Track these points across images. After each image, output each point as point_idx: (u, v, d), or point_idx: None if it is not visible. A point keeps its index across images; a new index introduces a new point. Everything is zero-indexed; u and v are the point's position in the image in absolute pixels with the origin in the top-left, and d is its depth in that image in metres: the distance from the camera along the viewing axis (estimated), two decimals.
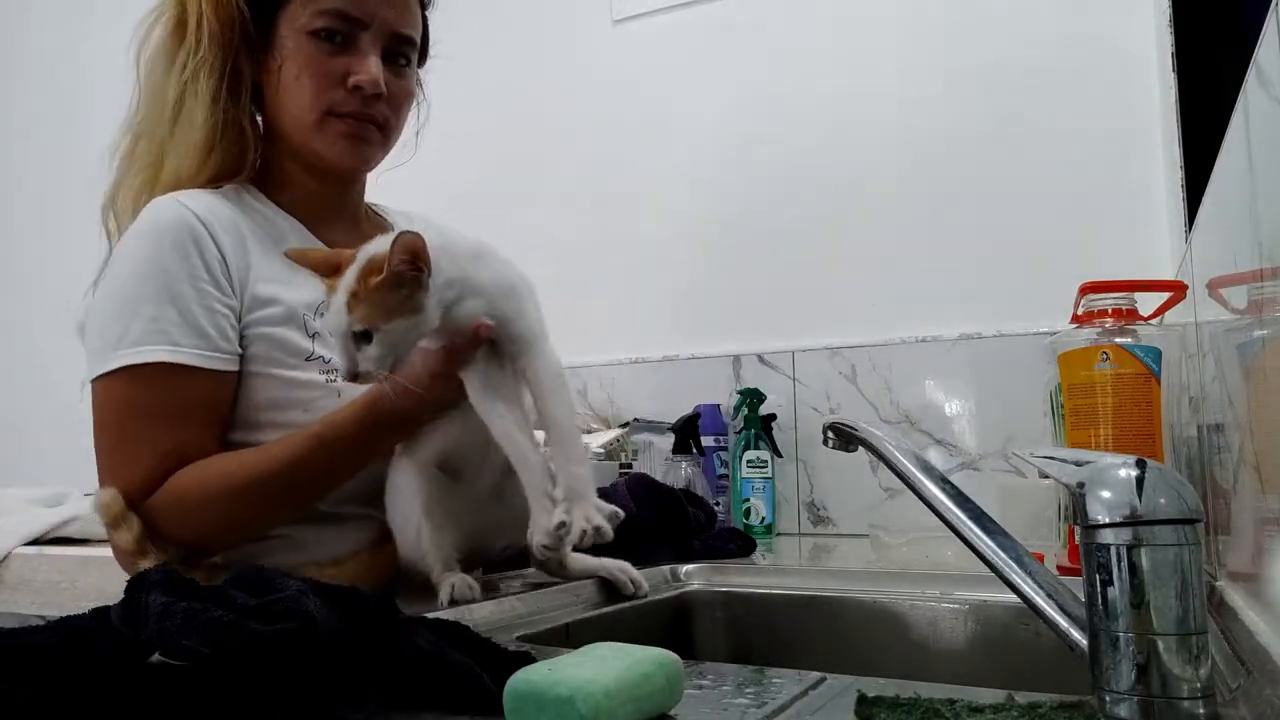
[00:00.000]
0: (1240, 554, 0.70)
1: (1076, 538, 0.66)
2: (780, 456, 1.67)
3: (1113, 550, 0.42)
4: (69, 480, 2.18)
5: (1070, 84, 1.57)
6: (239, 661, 0.44)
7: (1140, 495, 0.42)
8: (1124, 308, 0.97)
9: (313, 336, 0.95)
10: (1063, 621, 0.48)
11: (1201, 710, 0.41)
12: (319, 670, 0.46)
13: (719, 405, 1.72)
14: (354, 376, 0.77)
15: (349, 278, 0.76)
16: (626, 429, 1.74)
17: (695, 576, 1.09)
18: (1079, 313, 1.01)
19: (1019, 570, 0.50)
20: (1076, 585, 0.47)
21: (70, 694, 0.42)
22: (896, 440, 0.66)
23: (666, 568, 1.09)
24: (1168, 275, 1.28)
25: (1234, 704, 0.48)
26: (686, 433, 1.65)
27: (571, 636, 0.83)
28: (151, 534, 0.87)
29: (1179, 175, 1.22)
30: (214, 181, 0.97)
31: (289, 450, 0.87)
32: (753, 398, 1.66)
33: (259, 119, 1.01)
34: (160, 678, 0.44)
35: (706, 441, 1.68)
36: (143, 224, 0.93)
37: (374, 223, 1.11)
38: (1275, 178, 0.52)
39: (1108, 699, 0.42)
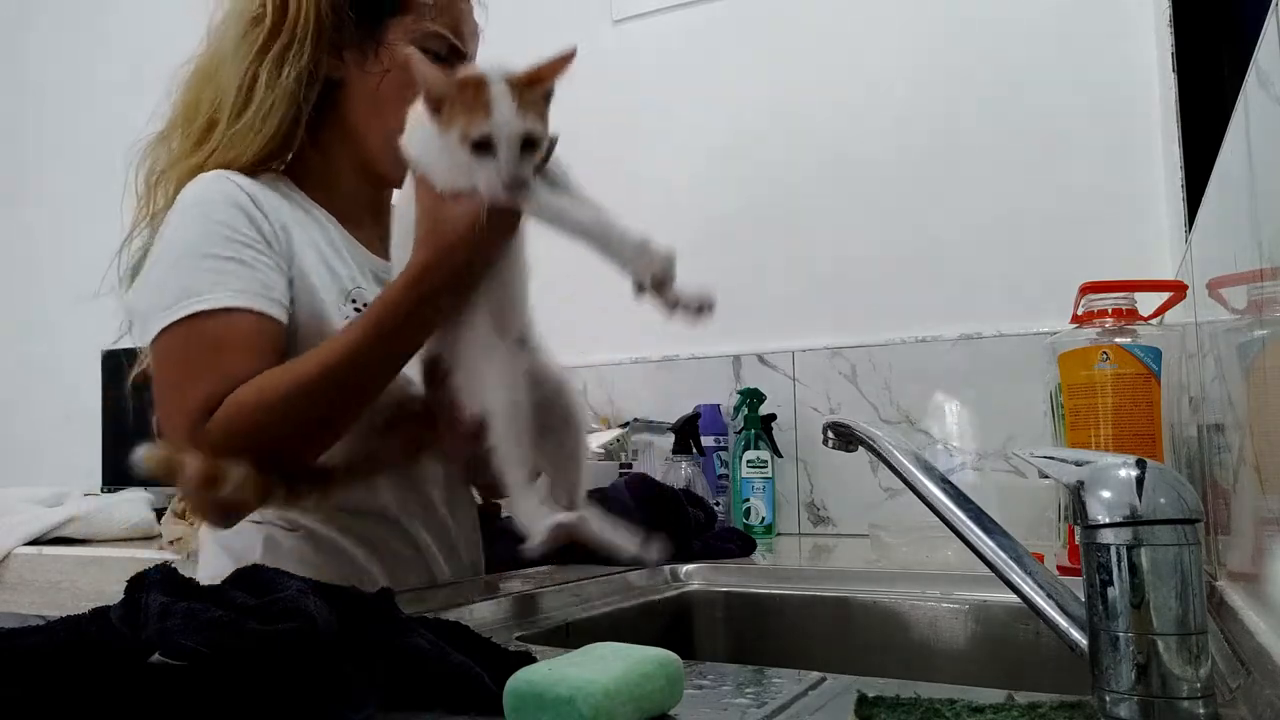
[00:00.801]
0: (1240, 554, 0.70)
1: (1076, 538, 0.66)
2: (780, 456, 1.67)
3: (1113, 550, 0.42)
4: (69, 480, 2.19)
5: (1071, 84, 1.57)
6: (239, 661, 0.44)
7: (1140, 495, 0.42)
8: (1124, 308, 0.97)
9: (346, 320, 0.94)
10: (1063, 621, 0.48)
11: (1201, 710, 0.41)
12: (319, 670, 0.46)
13: (719, 405, 1.72)
14: (519, 185, 0.74)
15: (503, 87, 0.73)
16: (626, 429, 1.74)
17: (695, 576, 1.09)
18: (1079, 313, 1.01)
19: (1019, 570, 0.50)
20: (1076, 585, 0.47)
21: (70, 694, 0.42)
22: (896, 440, 0.66)
23: (666, 568, 1.09)
24: (1168, 275, 1.28)
25: (1234, 704, 0.48)
26: (686, 433, 1.65)
27: (571, 636, 0.83)
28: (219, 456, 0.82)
29: (1179, 175, 1.23)
30: (257, 165, 0.95)
31: (345, 339, 0.84)
32: (753, 398, 1.66)
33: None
34: (160, 678, 0.44)
35: (706, 441, 1.68)
36: (192, 196, 0.91)
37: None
38: (1275, 178, 0.52)
39: (1108, 699, 0.42)
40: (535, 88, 0.74)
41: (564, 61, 0.75)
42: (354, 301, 0.95)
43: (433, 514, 1.00)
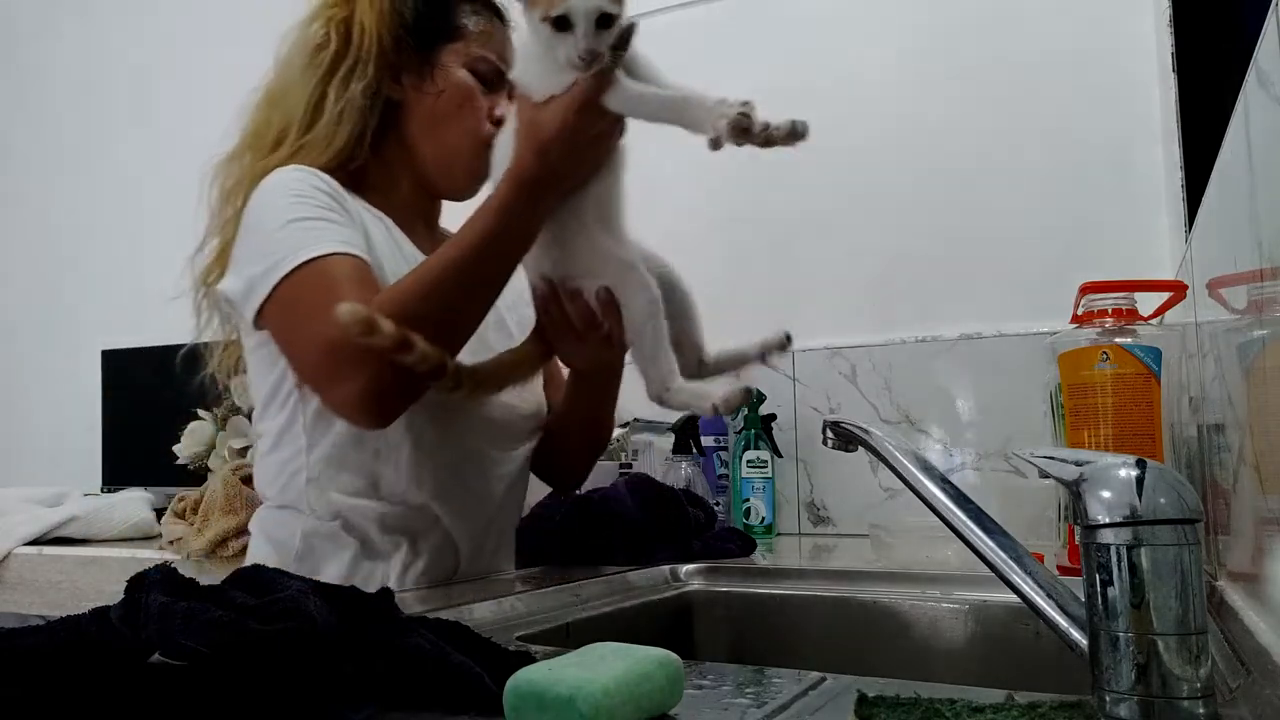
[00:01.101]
0: (1240, 554, 0.70)
1: (1076, 538, 0.66)
2: (780, 456, 1.67)
3: (1113, 550, 0.42)
4: (69, 480, 2.19)
5: (1070, 84, 1.57)
6: (239, 661, 0.44)
7: (1140, 495, 0.42)
8: (1124, 308, 0.97)
9: None
10: (1063, 621, 0.48)
11: (1201, 710, 0.41)
12: (319, 670, 0.46)
13: None
14: (594, 56, 0.80)
15: None
16: (626, 429, 1.74)
17: (695, 576, 1.09)
18: (1079, 313, 1.01)
19: (1019, 570, 0.50)
20: (1076, 585, 0.47)
21: (70, 694, 0.42)
22: (896, 440, 0.66)
23: (666, 568, 1.09)
24: (1168, 275, 1.28)
25: (1234, 704, 0.48)
26: (686, 433, 1.65)
27: (571, 636, 0.83)
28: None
29: (1179, 175, 1.23)
30: (325, 172, 1.01)
31: (463, 238, 0.88)
32: (752, 398, 1.66)
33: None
34: (160, 678, 0.44)
35: (706, 441, 1.68)
36: (273, 182, 0.96)
37: (444, 236, 1.15)
38: (1275, 178, 0.52)
39: (1108, 699, 0.42)
40: None
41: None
42: None
43: (473, 508, 1.03)
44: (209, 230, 1.05)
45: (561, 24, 0.79)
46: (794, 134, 0.85)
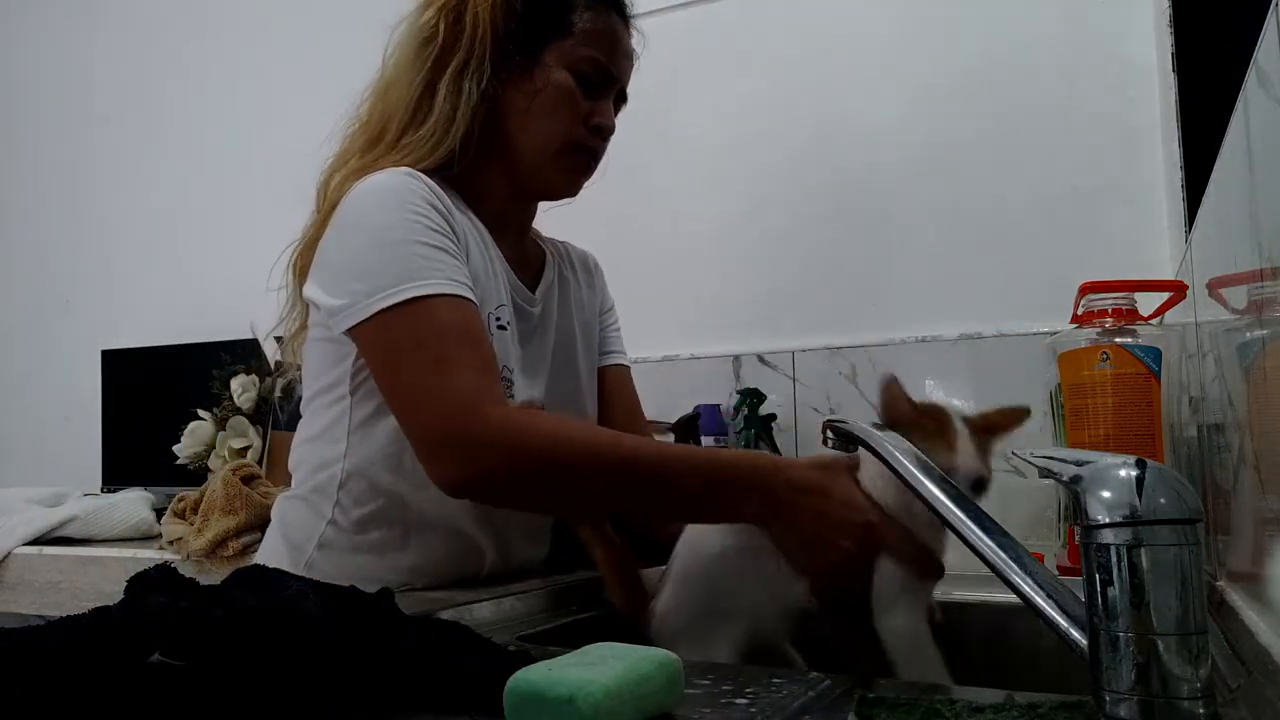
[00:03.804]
0: (1240, 554, 0.70)
1: (1076, 538, 0.66)
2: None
3: (1113, 550, 0.42)
4: (69, 480, 2.19)
5: (1070, 84, 1.57)
6: (239, 661, 0.44)
7: (1140, 495, 0.42)
8: (1124, 308, 0.98)
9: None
10: (1063, 621, 0.47)
11: (1201, 710, 0.40)
12: (319, 670, 0.46)
13: (719, 405, 1.71)
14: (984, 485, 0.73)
15: (963, 427, 0.75)
16: None
17: None
18: (1079, 313, 1.01)
19: (1019, 570, 0.50)
20: (1076, 585, 0.46)
21: (70, 694, 0.42)
22: (896, 440, 0.66)
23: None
24: (1168, 275, 1.28)
25: (1234, 704, 0.48)
26: (686, 433, 1.65)
27: (571, 636, 0.83)
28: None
29: (1179, 175, 1.22)
30: (429, 173, 0.96)
31: (664, 449, 0.86)
32: (753, 398, 1.66)
33: None
34: (160, 678, 0.44)
35: (706, 441, 1.68)
36: (381, 185, 0.91)
37: (533, 241, 1.14)
38: (1275, 178, 0.52)
39: (1108, 699, 0.42)
40: (989, 435, 0.75)
41: (1018, 419, 0.76)
42: (498, 319, 0.96)
43: (502, 521, 1.00)
44: (310, 224, 1.00)
45: None
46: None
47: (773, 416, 1.69)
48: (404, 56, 0.99)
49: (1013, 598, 0.50)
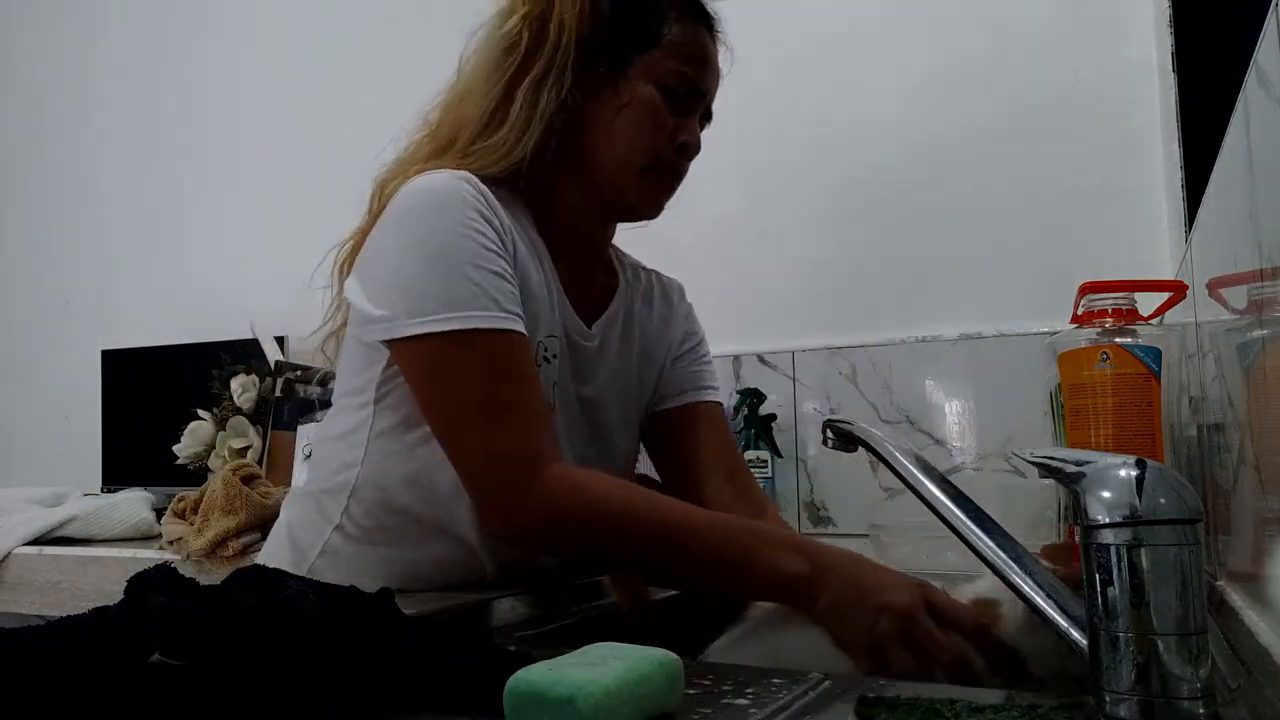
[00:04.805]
0: (1240, 554, 0.70)
1: (1076, 538, 0.66)
2: (780, 456, 1.67)
3: (1113, 550, 0.42)
4: (69, 480, 2.19)
5: (1070, 84, 1.57)
6: (239, 661, 0.44)
7: (1140, 495, 0.42)
8: (1124, 308, 0.97)
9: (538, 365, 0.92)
10: (1063, 621, 0.48)
11: (1201, 710, 0.41)
12: (319, 670, 0.46)
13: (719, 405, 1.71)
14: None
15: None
16: None
17: None
18: (1079, 313, 1.01)
19: (1019, 570, 0.51)
20: None
21: (70, 694, 0.42)
22: (896, 440, 0.67)
23: None
24: (1168, 275, 1.28)
25: (1234, 704, 0.48)
26: None
27: (572, 637, 0.83)
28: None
29: (1179, 175, 1.22)
30: (497, 181, 0.93)
31: (708, 519, 0.84)
32: (753, 398, 1.66)
33: None
34: (160, 678, 0.44)
35: None
36: (432, 190, 0.87)
37: (610, 268, 1.09)
38: (1275, 178, 0.52)
39: (1108, 699, 0.42)
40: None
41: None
42: (545, 350, 0.93)
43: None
44: (362, 228, 0.96)
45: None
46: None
47: (773, 416, 1.69)
48: (483, 63, 0.94)
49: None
